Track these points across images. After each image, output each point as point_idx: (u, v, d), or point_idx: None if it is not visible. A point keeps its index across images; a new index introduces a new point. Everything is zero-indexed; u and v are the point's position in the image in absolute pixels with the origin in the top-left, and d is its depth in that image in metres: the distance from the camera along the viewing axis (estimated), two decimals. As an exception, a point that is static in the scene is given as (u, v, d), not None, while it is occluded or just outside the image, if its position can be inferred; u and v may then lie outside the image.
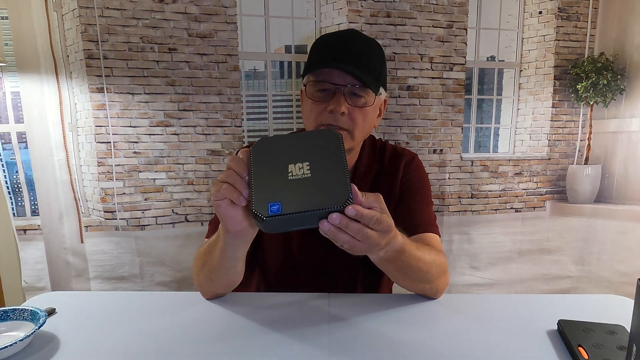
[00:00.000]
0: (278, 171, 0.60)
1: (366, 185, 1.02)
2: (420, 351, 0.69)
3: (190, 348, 0.71)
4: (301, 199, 0.57)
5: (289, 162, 0.60)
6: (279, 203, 0.56)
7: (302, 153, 0.61)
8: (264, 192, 0.58)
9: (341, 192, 0.57)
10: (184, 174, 2.11)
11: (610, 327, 0.71)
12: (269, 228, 0.58)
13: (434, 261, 0.85)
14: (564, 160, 2.52)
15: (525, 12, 2.53)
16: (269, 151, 0.64)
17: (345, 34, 0.92)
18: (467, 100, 2.49)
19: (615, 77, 2.28)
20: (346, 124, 0.89)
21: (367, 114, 0.90)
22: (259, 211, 0.57)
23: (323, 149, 0.62)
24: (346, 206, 0.56)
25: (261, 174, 0.61)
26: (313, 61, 0.90)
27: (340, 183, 0.58)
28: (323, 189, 0.58)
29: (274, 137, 0.67)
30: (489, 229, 2.46)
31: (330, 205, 0.56)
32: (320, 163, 0.60)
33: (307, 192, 0.58)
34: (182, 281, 2.13)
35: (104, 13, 1.94)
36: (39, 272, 2.00)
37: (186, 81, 2.06)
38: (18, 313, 0.75)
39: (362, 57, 0.87)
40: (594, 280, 2.46)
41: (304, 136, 0.66)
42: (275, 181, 0.59)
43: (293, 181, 0.59)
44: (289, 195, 0.58)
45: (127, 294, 1.12)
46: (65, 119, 1.93)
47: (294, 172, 0.60)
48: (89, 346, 0.71)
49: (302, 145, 0.63)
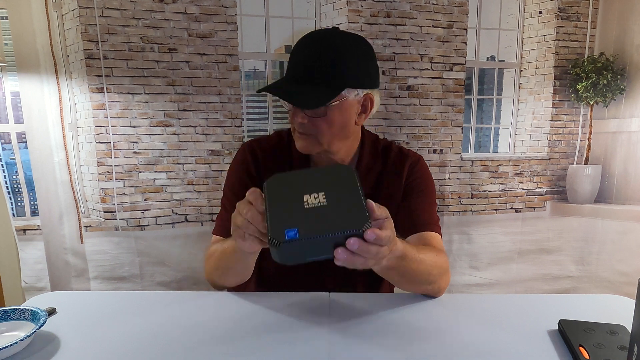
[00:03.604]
0: (294, 201, 0.60)
1: (369, 184, 1.03)
2: (420, 351, 0.69)
3: (190, 348, 0.71)
4: (319, 224, 0.57)
5: (304, 193, 0.61)
6: (296, 229, 0.56)
7: (316, 184, 0.62)
8: (281, 220, 0.58)
9: (359, 217, 0.57)
10: (184, 174, 2.11)
11: (611, 327, 0.71)
12: (285, 256, 0.58)
13: (435, 262, 0.86)
14: (564, 160, 2.51)
15: (525, 12, 2.53)
16: (283, 185, 0.65)
17: (310, 40, 0.93)
18: (467, 100, 2.49)
19: (615, 77, 2.28)
20: (310, 131, 0.93)
21: (332, 120, 0.92)
22: (275, 237, 0.56)
23: (336, 180, 0.63)
24: (365, 230, 0.56)
25: (277, 204, 0.62)
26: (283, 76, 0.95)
27: (357, 208, 0.59)
28: (340, 214, 0.58)
29: (287, 172, 0.68)
30: (489, 229, 2.46)
31: (349, 229, 0.56)
32: (335, 192, 0.61)
33: (325, 218, 0.58)
34: (182, 281, 2.13)
35: (104, 13, 1.94)
36: (38, 272, 1.99)
37: (186, 81, 2.06)
38: (18, 313, 0.75)
39: (313, 72, 0.89)
40: (594, 280, 2.46)
41: (317, 171, 0.69)
42: (291, 210, 0.60)
43: (309, 209, 0.59)
44: (306, 221, 0.58)
45: (127, 294, 1.12)
46: (65, 119, 1.93)
47: (309, 201, 0.60)
48: (89, 346, 0.71)
49: (316, 178, 0.65)
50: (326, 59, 0.89)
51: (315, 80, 0.89)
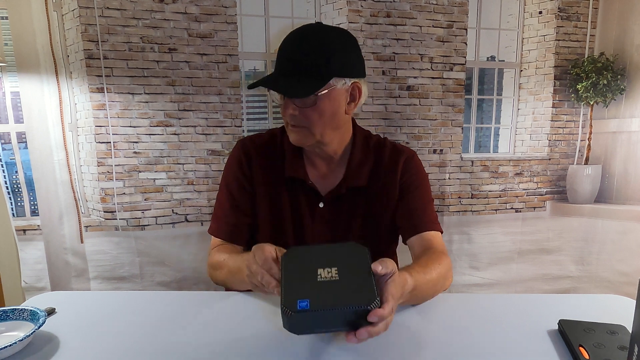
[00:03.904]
0: (307, 273, 0.65)
1: (363, 178, 1.04)
2: (420, 351, 0.69)
3: (190, 348, 0.71)
4: (329, 298, 0.61)
5: (318, 267, 0.66)
6: (308, 300, 0.60)
7: (330, 260, 0.67)
8: (294, 290, 0.63)
9: (368, 294, 0.62)
10: (184, 174, 2.11)
11: (611, 327, 0.71)
12: (295, 325, 0.61)
13: (441, 273, 0.90)
14: (564, 160, 2.51)
15: (525, 12, 2.52)
16: (299, 257, 0.70)
17: (295, 35, 0.96)
18: (467, 100, 2.49)
19: (615, 77, 2.28)
20: (301, 122, 0.95)
21: (323, 109, 0.94)
22: (287, 306, 0.60)
23: (350, 257, 0.68)
24: (373, 308, 0.60)
25: (292, 274, 0.66)
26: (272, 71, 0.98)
27: (367, 286, 0.63)
28: (351, 289, 0.63)
29: (303, 246, 0.74)
30: (489, 229, 2.46)
31: (357, 304, 0.60)
32: (347, 268, 0.66)
33: (335, 292, 0.62)
34: (182, 281, 2.13)
35: (104, 13, 1.94)
36: (38, 272, 1.99)
37: (186, 81, 2.06)
38: (18, 313, 0.75)
39: (300, 63, 0.92)
40: (594, 280, 2.46)
41: (332, 247, 0.73)
42: (304, 281, 0.64)
43: (322, 282, 0.64)
44: (318, 294, 0.62)
45: (127, 294, 1.12)
46: (65, 119, 1.93)
47: (322, 275, 0.65)
48: (89, 346, 0.71)
49: (330, 254, 0.69)
50: (312, 51, 0.92)
51: (303, 72, 0.92)
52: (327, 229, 1.04)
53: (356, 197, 1.04)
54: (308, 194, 1.04)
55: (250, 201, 1.06)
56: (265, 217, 1.05)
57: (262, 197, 1.05)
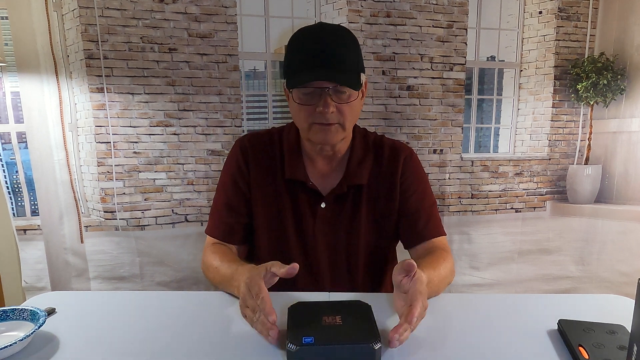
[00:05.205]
0: (312, 319, 0.69)
1: (363, 176, 1.04)
2: (420, 351, 0.69)
3: (190, 348, 0.71)
4: (333, 337, 0.65)
5: (322, 315, 0.70)
6: (312, 337, 0.64)
7: (334, 311, 0.72)
8: (299, 329, 0.66)
9: (371, 334, 0.65)
10: (184, 174, 2.11)
11: (610, 327, 0.71)
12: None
13: (448, 268, 0.94)
14: (564, 160, 2.51)
15: (525, 12, 2.52)
16: (304, 308, 0.74)
17: (317, 32, 0.95)
18: (467, 100, 2.48)
19: (616, 77, 2.28)
20: (337, 119, 0.94)
21: (354, 105, 0.95)
22: (292, 342, 0.63)
23: (353, 310, 0.73)
24: (375, 345, 0.63)
25: (297, 319, 0.70)
26: (292, 68, 0.95)
27: (369, 327, 0.67)
28: (354, 331, 0.67)
29: (309, 302, 0.78)
30: (489, 229, 2.46)
31: (361, 342, 0.63)
32: (350, 317, 0.70)
33: (339, 333, 0.66)
34: (182, 281, 2.13)
35: (104, 13, 1.94)
36: (39, 272, 1.99)
37: (186, 81, 2.06)
38: (18, 313, 0.75)
39: (338, 56, 0.91)
40: (594, 280, 2.46)
41: (336, 303, 0.78)
42: (310, 325, 0.68)
43: (326, 326, 0.68)
44: (322, 334, 0.65)
45: (127, 294, 1.12)
46: (65, 119, 1.93)
47: (326, 321, 0.69)
48: (89, 346, 0.71)
49: (334, 307, 0.74)
50: (341, 46, 0.92)
51: (339, 66, 0.90)
52: (329, 229, 1.03)
53: (357, 196, 1.03)
54: (309, 195, 1.03)
55: (246, 202, 1.05)
56: (264, 219, 1.05)
57: (261, 198, 1.05)
